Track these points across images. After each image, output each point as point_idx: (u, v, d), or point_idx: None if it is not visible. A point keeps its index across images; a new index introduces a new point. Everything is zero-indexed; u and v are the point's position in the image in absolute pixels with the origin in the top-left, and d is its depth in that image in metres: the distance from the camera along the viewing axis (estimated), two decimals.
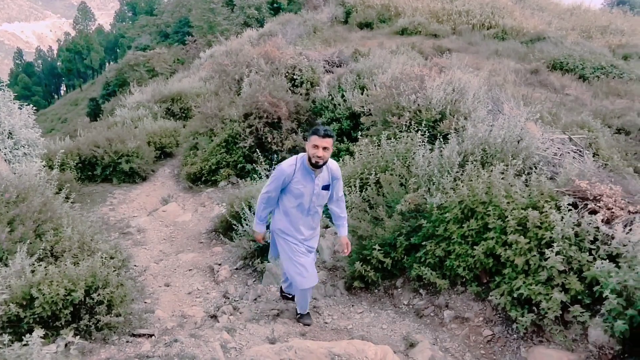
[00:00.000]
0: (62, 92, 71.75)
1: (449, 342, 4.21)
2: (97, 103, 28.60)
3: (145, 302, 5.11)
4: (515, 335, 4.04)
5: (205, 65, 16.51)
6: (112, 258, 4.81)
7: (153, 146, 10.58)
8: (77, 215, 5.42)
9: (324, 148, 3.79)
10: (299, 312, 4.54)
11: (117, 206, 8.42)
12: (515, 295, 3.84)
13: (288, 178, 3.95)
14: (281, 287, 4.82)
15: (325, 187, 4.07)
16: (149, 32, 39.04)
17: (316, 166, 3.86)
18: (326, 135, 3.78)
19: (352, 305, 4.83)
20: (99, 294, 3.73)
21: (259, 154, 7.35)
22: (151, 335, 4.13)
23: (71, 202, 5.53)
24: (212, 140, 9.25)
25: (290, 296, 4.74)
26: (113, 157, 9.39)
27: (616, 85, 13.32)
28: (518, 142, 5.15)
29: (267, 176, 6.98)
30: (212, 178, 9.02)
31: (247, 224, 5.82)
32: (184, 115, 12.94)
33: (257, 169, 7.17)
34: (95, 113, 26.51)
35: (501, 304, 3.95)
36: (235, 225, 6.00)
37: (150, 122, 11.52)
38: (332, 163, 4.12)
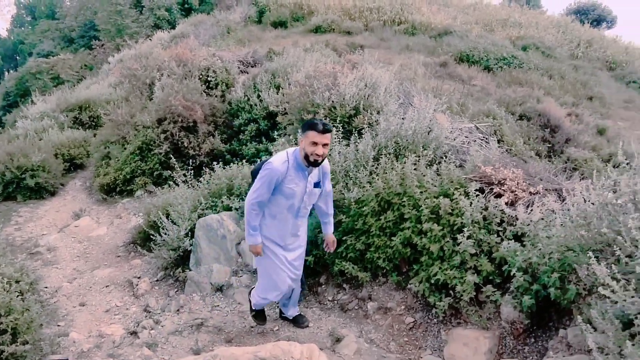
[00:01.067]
0: None
1: (373, 333, 4.29)
2: None
3: (58, 325, 4.80)
4: (435, 320, 4.19)
5: (114, 71, 15.82)
6: (17, 282, 4.48)
7: (61, 158, 9.99)
8: None
9: (324, 145, 3.53)
10: (253, 308, 4.27)
11: (23, 225, 7.87)
12: (432, 281, 3.98)
13: (281, 177, 3.62)
14: (280, 309, 4.57)
15: (317, 185, 3.85)
16: (51, 37, 36.70)
17: (315, 164, 3.61)
18: (326, 130, 3.51)
19: (277, 307, 4.80)
20: (1, 322, 3.46)
21: (175, 160, 7.14)
22: None
23: None
24: (125, 149, 8.86)
25: (291, 318, 4.47)
26: (16, 172, 8.76)
27: (517, 75, 14.14)
28: (428, 133, 5.34)
29: (186, 182, 6.80)
30: (128, 188, 8.64)
31: (165, 233, 5.63)
32: (93, 123, 12.29)
33: (173, 175, 6.96)
34: None
35: (420, 291, 4.07)
36: (153, 235, 5.78)
37: (57, 132, 10.85)
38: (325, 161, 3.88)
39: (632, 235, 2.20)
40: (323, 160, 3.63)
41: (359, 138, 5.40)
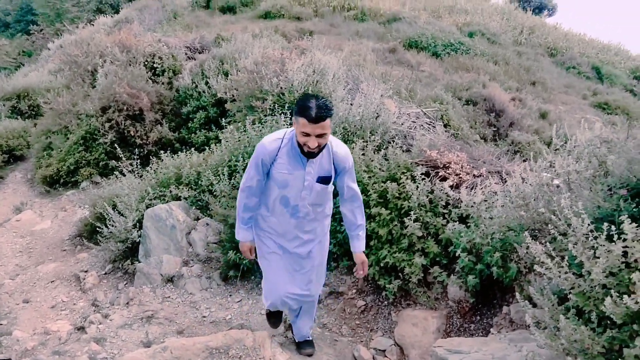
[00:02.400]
0: None
1: (326, 318, 4.34)
2: None
3: (0, 324, 4.62)
4: (385, 302, 4.27)
5: (54, 57, 15.16)
6: None
7: None
8: None
9: (319, 136, 2.71)
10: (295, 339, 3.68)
11: None
12: (382, 264, 4.06)
13: (269, 158, 2.92)
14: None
15: (324, 180, 2.99)
16: None
17: (310, 156, 2.84)
18: (320, 118, 2.65)
19: (230, 295, 4.78)
20: None
21: (122, 149, 6.93)
22: None
23: None
24: (67, 139, 8.52)
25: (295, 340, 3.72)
26: None
27: (464, 61, 14.47)
28: (376, 118, 5.40)
29: (133, 172, 6.63)
30: (72, 179, 8.32)
31: (112, 225, 5.48)
32: (33, 113, 11.73)
33: (120, 165, 6.77)
34: None
35: (370, 274, 4.14)
36: (100, 227, 5.61)
37: None
38: (339, 146, 3.02)
39: (565, 214, 2.30)
40: (321, 150, 2.84)
41: None
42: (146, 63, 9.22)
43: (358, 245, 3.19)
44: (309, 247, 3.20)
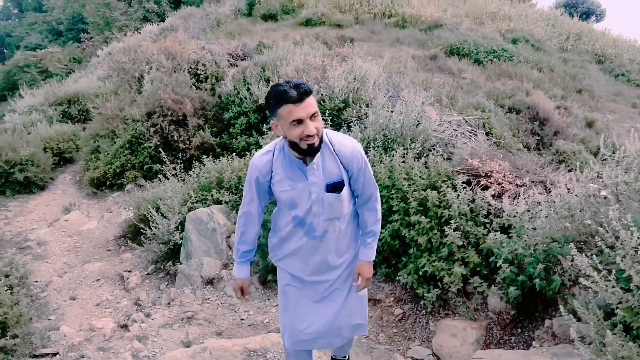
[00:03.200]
0: None
1: None
2: None
3: (49, 319, 4.81)
4: (423, 311, 4.23)
5: (103, 64, 15.72)
6: (7, 276, 4.47)
7: (50, 152, 9.93)
8: None
9: (313, 116, 2.17)
10: None
11: (12, 219, 7.83)
12: (420, 273, 4.02)
13: (263, 176, 2.42)
14: None
15: (335, 187, 2.42)
16: (39, 30, 36.40)
17: (312, 151, 2.25)
18: (305, 93, 2.13)
19: (268, 299, 4.83)
20: None
21: (165, 153, 7.12)
22: (55, 354, 3.91)
23: None
24: (114, 142, 8.83)
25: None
26: (4, 167, 8.71)
27: (507, 68, 14.21)
28: (416, 125, 5.37)
29: (176, 176, 6.79)
30: (118, 182, 8.62)
31: (155, 227, 5.63)
32: (82, 117, 12.23)
33: (163, 169, 6.95)
34: None
35: (409, 282, 4.11)
36: (143, 229, 5.78)
37: (45, 126, 10.79)
38: (342, 143, 2.41)
39: (613, 226, 2.24)
40: (321, 139, 2.27)
41: (347, 131, 5.42)
42: (190, 70, 9.45)
43: (363, 253, 2.68)
44: (336, 273, 2.65)
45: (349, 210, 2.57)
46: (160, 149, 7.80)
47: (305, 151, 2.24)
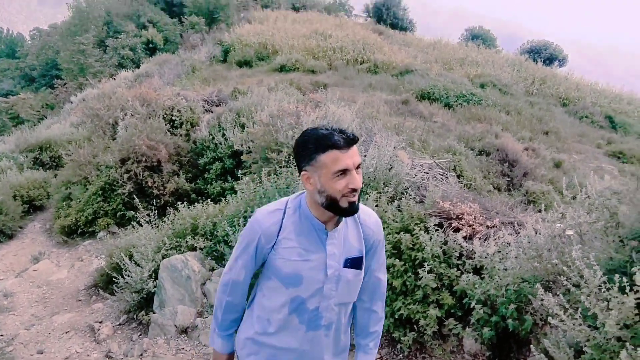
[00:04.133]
0: None
1: None
2: None
3: None
4: (400, 355, 4.21)
5: (76, 110, 15.68)
6: None
7: (20, 200, 9.73)
8: None
9: (358, 167, 1.84)
10: None
11: None
12: (396, 316, 4.03)
13: (267, 239, 1.93)
14: None
15: (355, 263, 2.00)
16: (11, 76, 36.27)
17: (352, 211, 1.86)
18: (353, 140, 1.82)
19: None
20: None
21: (139, 200, 7.07)
22: None
23: None
24: (87, 189, 8.72)
25: None
26: None
27: (476, 111, 14.71)
28: (389, 169, 5.48)
29: (149, 222, 6.72)
30: (90, 229, 8.47)
31: (128, 275, 5.54)
32: (54, 164, 12.08)
33: (137, 216, 6.89)
34: None
35: (385, 326, 4.10)
36: (115, 278, 5.67)
37: (16, 173, 10.61)
38: (367, 212, 2.10)
39: (578, 266, 2.32)
40: (359, 200, 1.91)
41: None
42: (165, 116, 9.52)
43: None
44: None
45: (354, 298, 2.10)
46: (134, 195, 7.74)
47: (345, 211, 1.85)
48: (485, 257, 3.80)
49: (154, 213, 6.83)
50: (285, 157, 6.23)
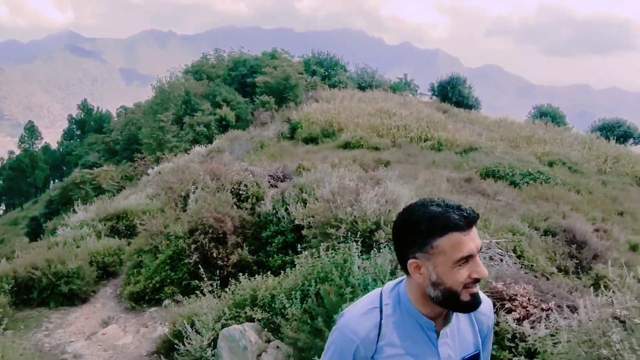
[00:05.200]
0: (0, 211, 68.04)
1: None
2: (38, 222, 28.01)
3: None
4: None
5: (152, 182, 16.74)
6: None
7: (95, 266, 10.37)
8: (8, 343, 5.25)
9: (479, 251, 1.58)
10: None
11: (52, 331, 8.08)
12: None
13: (367, 349, 1.60)
14: None
15: None
16: (97, 149, 39.49)
17: (475, 305, 1.59)
18: (473, 219, 1.52)
19: None
20: None
21: (204, 270, 7.40)
22: None
23: (2, 329, 5.36)
24: (156, 258, 9.22)
25: None
26: (52, 279, 9.11)
27: (544, 190, 14.32)
28: None
29: (212, 292, 6.98)
30: (156, 297, 8.85)
31: (189, 343, 5.75)
32: (129, 232, 12.82)
33: (201, 285, 7.19)
34: (35, 233, 25.89)
35: None
36: (177, 344, 5.90)
37: (94, 240, 11.36)
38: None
39: (617, 349, 2.29)
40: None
41: (378, 252, 5.60)
42: (233, 190, 10.03)
43: None
44: None
45: None
46: (199, 265, 8.10)
47: (467, 305, 1.56)
48: (536, 340, 3.72)
49: (217, 283, 7.12)
50: (344, 233, 6.41)
